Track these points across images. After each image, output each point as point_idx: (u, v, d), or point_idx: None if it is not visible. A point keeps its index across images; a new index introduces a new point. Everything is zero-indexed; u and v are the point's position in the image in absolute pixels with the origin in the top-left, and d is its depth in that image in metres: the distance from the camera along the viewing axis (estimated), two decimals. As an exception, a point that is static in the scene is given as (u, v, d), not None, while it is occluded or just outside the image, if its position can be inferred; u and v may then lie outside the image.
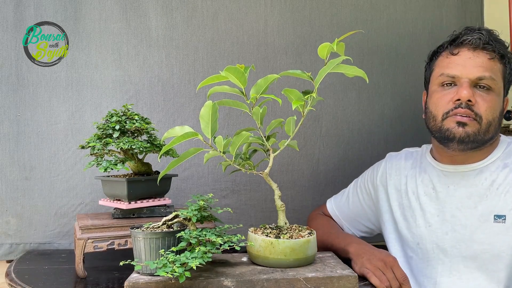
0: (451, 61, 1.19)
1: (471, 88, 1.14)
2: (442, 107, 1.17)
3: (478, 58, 1.16)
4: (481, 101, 1.14)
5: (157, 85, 1.65)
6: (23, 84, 1.58)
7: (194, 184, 1.67)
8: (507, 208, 1.13)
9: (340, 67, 1.01)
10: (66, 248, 1.57)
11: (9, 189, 1.57)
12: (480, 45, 1.16)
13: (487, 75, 1.14)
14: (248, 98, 1.04)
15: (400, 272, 1.09)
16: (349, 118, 1.77)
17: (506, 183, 1.15)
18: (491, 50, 1.16)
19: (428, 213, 1.23)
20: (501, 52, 1.17)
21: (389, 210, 1.32)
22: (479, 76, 1.14)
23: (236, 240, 1.00)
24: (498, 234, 1.13)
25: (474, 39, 1.16)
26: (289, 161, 1.73)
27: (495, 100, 1.15)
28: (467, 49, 1.17)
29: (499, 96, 1.17)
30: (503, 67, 1.18)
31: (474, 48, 1.16)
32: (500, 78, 1.17)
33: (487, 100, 1.14)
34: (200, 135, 1.02)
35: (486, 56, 1.16)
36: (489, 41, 1.16)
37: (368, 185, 1.39)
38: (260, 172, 1.10)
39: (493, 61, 1.16)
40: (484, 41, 1.16)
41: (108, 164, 1.23)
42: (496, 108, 1.15)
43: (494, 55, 1.16)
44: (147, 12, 1.64)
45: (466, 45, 1.17)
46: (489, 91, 1.15)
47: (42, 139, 1.59)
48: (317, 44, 1.03)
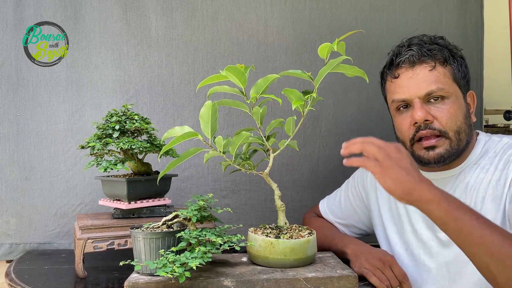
0: (395, 86, 1.15)
1: (424, 106, 1.10)
2: (406, 133, 1.13)
3: (419, 74, 1.11)
4: (439, 114, 1.09)
5: (157, 85, 1.65)
6: (23, 84, 1.58)
7: (194, 184, 1.67)
8: (477, 208, 1.09)
9: (340, 67, 1.01)
10: (66, 248, 1.57)
11: (9, 189, 1.57)
12: (415, 61, 1.11)
13: (434, 88, 1.09)
14: (248, 98, 1.04)
15: (399, 270, 1.09)
16: (349, 118, 1.77)
17: (476, 183, 1.11)
18: (429, 61, 1.11)
19: (414, 219, 1.21)
20: (440, 58, 1.12)
21: (379, 214, 1.31)
22: (427, 92, 1.09)
23: (236, 240, 1.00)
24: None
25: (407, 58, 1.12)
26: (289, 161, 1.73)
27: (453, 106, 1.10)
28: (405, 69, 1.13)
29: (457, 99, 1.12)
30: (450, 68, 1.12)
31: (411, 65, 1.12)
32: (450, 81, 1.11)
33: (445, 111, 1.09)
34: (200, 135, 1.02)
35: (426, 68, 1.11)
36: (423, 53, 1.11)
37: (359, 188, 1.37)
38: (260, 172, 1.10)
39: (435, 70, 1.11)
40: (418, 55, 1.11)
41: (108, 164, 1.23)
42: (457, 114, 1.10)
43: (433, 64, 1.11)
44: (147, 12, 1.65)
45: (403, 65, 1.13)
46: (444, 100, 1.10)
47: (42, 139, 1.59)
48: (317, 44, 1.03)
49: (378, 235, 1.33)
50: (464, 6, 1.86)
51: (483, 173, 1.12)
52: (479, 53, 1.87)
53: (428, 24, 1.81)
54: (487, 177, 1.11)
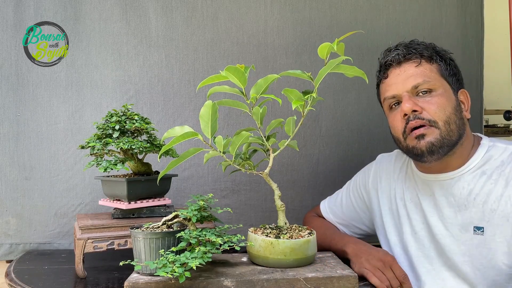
0: (386, 85, 1.19)
1: (412, 98, 1.12)
2: (398, 127, 1.16)
3: (406, 71, 1.15)
4: (427, 105, 1.11)
5: (157, 85, 1.65)
6: (23, 84, 1.58)
7: (194, 184, 1.67)
8: (485, 219, 1.09)
9: (340, 67, 1.01)
10: (66, 248, 1.57)
11: (9, 189, 1.57)
12: (402, 59, 1.16)
13: (420, 81, 1.13)
14: (248, 98, 1.04)
15: (400, 271, 1.09)
16: (349, 118, 1.77)
17: (483, 193, 1.10)
18: (415, 58, 1.16)
19: (414, 220, 1.21)
20: (425, 55, 1.16)
21: (379, 215, 1.31)
22: (414, 85, 1.13)
23: (236, 240, 1.00)
24: (477, 247, 1.10)
25: (394, 57, 1.17)
26: (289, 161, 1.73)
27: (441, 98, 1.12)
28: (393, 68, 1.18)
29: (446, 92, 1.14)
30: (436, 65, 1.16)
31: (398, 63, 1.17)
32: (437, 76, 1.15)
33: (433, 102, 1.12)
34: (200, 135, 1.02)
35: (412, 65, 1.15)
36: (409, 51, 1.16)
37: (360, 189, 1.37)
38: (260, 172, 1.10)
39: (421, 66, 1.15)
40: (404, 53, 1.16)
41: (108, 164, 1.23)
42: (445, 105, 1.12)
43: (419, 61, 1.15)
44: (147, 12, 1.65)
45: (391, 65, 1.18)
46: (431, 93, 1.13)
47: (42, 139, 1.59)
48: (317, 44, 1.03)
49: (379, 236, 1.33)
50: (464, 6, 1.86)
51: (491, 184, 1.10)
52: (479, 53, 1.87)
53: (428, 24, 1.81)
54: (497, 190, 1.09)
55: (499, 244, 1.07)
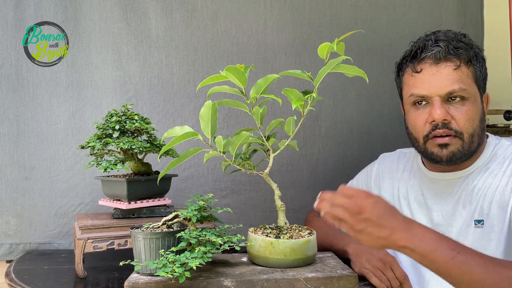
0: (416, 80, 1.12)
1: (443, 105, 1.08)
2: (420, 129, 1.12)
3: (442, 72, 1.08)
4: (457, 115, 1.08)
5: (157, 85, 1.65)
6: (23, 84, 1.58)
7: (194, 184, 1.67)
8: (484, 212, 1.10)
9: (340, 67, 1.01)
10: (66, 248, 1.57)
11: (9, 189, 1.57)
12: (441, 58, 1.09)
13: (456, 88, 1.07)
14: (248, 98, 1.05)
15: (400, 271, 1.09)
16: (349, 118, 1.77)
17: (484, 187, 1.11)
18: (455, 59, 1.09)
19: (418, 220, 1.20)
20: (465, 58, 1.09)
21: None
22: (449, 91, 1.07)
23: (236, 240, 1.00)
24: (479, 240, 1.10)
25: (433, 54, 1.09)
26: (289, 161, 1.73)
27: (472, 108, 1.09)
28: (429, 65, 1.10)
29: (476, 101, 1.10)
30: (472, 69, 1.10)
31: (436, 62, 1.09)
32: (472, 82, 1.10)
33: (464, 112, 1.08)
34: (200, 135, 1.02)
35: (450, 67, 1.08)
36: (450, 51, 1.09)
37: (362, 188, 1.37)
38: (260, 172, 1.10)
39: (459, 69, 1.08)
40: (445, 52, 1.09)
41: (108, 164, 1.23)
42: (475, 117, 1.09)
43: (459, 63, 1.09)
44: (147, 12, 1.65)
45: (428, 60, 1.10)
46: (463, 101, 1.08)
47: (42, 139, 1.59)
48: (316, 44, 1.03)
49: None
50: (464, 6, 1.86)
51: (491, 178, 1.11)
52: (479, 53, 1.87)
53: (428, 24, 1.81)
54: (495, 182, 1.10)
55: (498, 234, 1.08)
